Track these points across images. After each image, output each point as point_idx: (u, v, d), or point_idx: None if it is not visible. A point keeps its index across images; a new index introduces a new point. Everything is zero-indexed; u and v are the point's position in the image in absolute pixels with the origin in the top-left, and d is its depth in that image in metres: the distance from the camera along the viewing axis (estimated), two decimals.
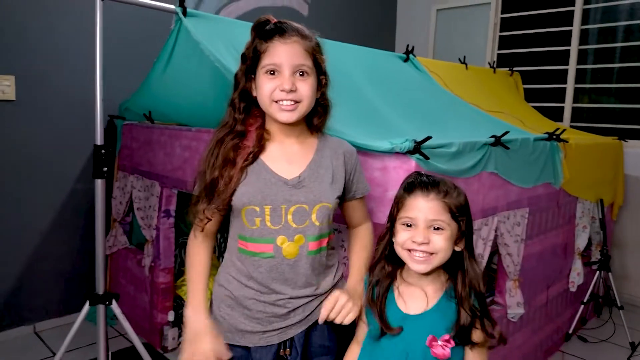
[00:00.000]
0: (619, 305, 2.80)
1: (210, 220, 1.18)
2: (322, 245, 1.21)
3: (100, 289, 1.87)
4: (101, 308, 1.86)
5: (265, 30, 1.14)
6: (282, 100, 1.11)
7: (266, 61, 1.12)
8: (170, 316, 2.41)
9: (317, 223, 1.17)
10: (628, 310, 2.97)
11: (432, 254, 1.05)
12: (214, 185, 1.15)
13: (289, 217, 1.15)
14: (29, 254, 2.62)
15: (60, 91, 2.62)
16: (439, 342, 1.04)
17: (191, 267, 1.24)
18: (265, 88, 1.12)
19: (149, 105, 2.53)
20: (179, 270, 2.67)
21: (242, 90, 1.18)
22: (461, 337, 1.06)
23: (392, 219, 1.12)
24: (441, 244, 1.05)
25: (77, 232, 2.77)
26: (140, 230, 2.54)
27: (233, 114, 1.19)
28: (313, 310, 1.21)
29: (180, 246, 2.76)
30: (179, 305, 2.54)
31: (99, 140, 1.79)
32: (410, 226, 1.07)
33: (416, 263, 1.06)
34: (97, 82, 1.76)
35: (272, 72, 1.12)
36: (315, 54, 1.16)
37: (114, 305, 1.87)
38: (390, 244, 1.12)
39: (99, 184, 1.81)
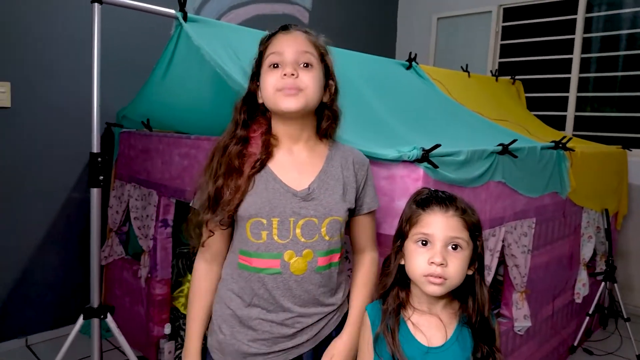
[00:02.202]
0: (625, 317, 2.75)
1: (213, 234, 1.12)
2: (332, 261, 1.14)
3: (94, 302, 1.80)
4: (95, 322, 1.79)
5: (270, 34, 1.13)
6: (284, 87, 1.06)
7: (268, 52, 1.10)
8: (167, 329, 2.34)
9: (327, 237, 1.11)
10: (634, 322, 2.92)
11: (447, 278, 0.98)
12: (219, 196, 1.08)
13: (298, 230, 1.09)
14: (21, 264, 2.56)
15: (57, 98, 2.58)
16: None
17: (192, 301, 1.20)
18: (268, 80, 1.09)
19: (147, 112, 2.49)
20: (176, 281, 2.61)
21: (247, 94, 1.15)
22: None
23: (402, 237, 1.05)
24: (457, 267, 0.98)
25: (72, 242, 2.71)
26: (137, 240, 2.48)
27: (235, 116, 1.15)
28: (322, 329, 1.15)
29: (178, 256, 2.70)
30: (175, 317, 2.48)
31: (96, 148, 1.74)
32: (426, 244, 1.00)
33: (431, 285, 0.98)
34: (95, 88, 1.72)
35: (276, 65, 1.08)
36: (321, 50, 1.13)
37: (109, 319, 1.81)
38: (399, 267, 1.05)
39: (95, 192, 1.76)
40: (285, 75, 1.05)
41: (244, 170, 1.09)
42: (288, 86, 1.05)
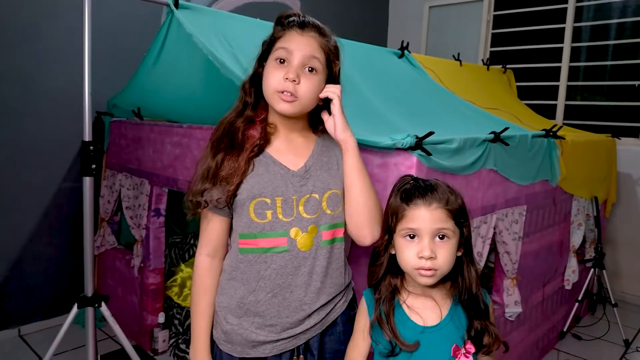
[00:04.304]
0: (612, 302, 2.80)
1: (207, 205, 1.11)
2: (336, 236, 1.17)
3: (89, 290, 1.80)
4: (90, 310, 1.79)
5: (287, 20, 1.13)
6: (284, 90, 1.08)
7: (278, 45, 1.10)
8: (161, 318, 2.34)
9: (328, 211, 1.15)
10: (621, 308, 2.97)
11: (437, 269, 1.00)
12: (218, 168, 1.10)
13: (301, 208, 1.12)
14: (13, 254, 2.54)
15: (45, 87, 2.54)
16: (463, 351, 1.01)
17: (197, 297, 1.19)
18: (271, 76, 1.10)
19: (138, 101, 2.47)
20: (169, 270, 2.61)
21: (254, 74, 1.16)
22: (476, 343, 1.03)
23: (390, 230, 1.07)
24: (446, 257, 1.00)
25: (63, 232, 2.69)
26: (129, 230, 2.48)
27: (244, 97, 1.16)
28: (328, 313, 1.17)
29: (170, 246, 2.70)
30: (169, 306, 2.48)
31: (87, 136, 1.72)
32: (413, 237, 1.02)
33: (423, 277, 1.01)
34: (86, 76, 1.70)
35: (282, 61, 1.09)
36: (330, 55, 1.14)
37: (104, 308, 1.81)
38: (390, 256, 1.08)
39: (87, 181, 1.75)
40: (287, 79, 1.07)
41: (245, 149, 1.11)
42: (287, 90, 1.07)
